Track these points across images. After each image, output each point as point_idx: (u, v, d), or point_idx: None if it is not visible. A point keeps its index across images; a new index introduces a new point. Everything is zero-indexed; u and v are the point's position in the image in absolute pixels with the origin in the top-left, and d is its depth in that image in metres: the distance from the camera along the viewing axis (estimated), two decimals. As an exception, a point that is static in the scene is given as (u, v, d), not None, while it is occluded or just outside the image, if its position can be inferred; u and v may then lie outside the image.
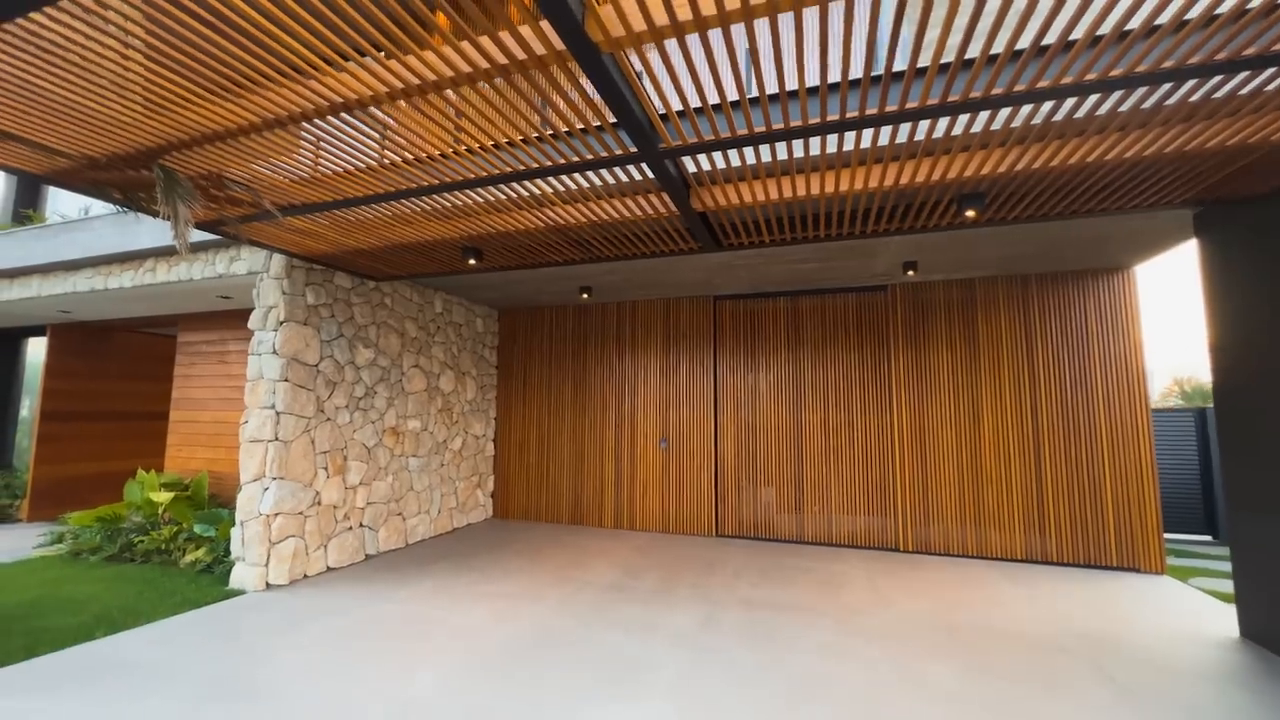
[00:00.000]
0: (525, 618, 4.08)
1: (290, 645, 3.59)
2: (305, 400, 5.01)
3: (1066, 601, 4.50)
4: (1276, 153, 2.89)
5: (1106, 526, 5.42)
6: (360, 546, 5.57)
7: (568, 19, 1.91)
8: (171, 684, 3.07)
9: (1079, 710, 2.88)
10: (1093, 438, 5.53)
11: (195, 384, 7.27)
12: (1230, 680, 3.23)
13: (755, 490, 6.66)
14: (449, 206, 3.73)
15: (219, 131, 2.76)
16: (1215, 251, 3.98)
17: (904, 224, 3.93)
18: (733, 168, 3.28)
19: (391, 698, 2.94)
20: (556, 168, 3.09)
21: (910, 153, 3.03)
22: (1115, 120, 2.63)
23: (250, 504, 4.74)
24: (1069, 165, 3.03)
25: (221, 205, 3.58)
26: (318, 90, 2.42)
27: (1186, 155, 2.90)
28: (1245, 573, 3.81)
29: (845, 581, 4.99)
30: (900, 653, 3.54)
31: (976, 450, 5.88)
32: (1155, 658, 3.50)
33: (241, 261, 5.16)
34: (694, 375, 7.05)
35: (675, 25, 1.98)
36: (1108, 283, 5.63)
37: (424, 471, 6.48)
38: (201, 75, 2.35)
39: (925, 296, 6.20)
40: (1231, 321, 3.86)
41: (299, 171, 3.21)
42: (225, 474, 6.71)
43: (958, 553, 5.84)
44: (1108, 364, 5.56)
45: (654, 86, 2.46)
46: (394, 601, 4.42)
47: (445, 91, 2.46)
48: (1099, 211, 3.66)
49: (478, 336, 7.68)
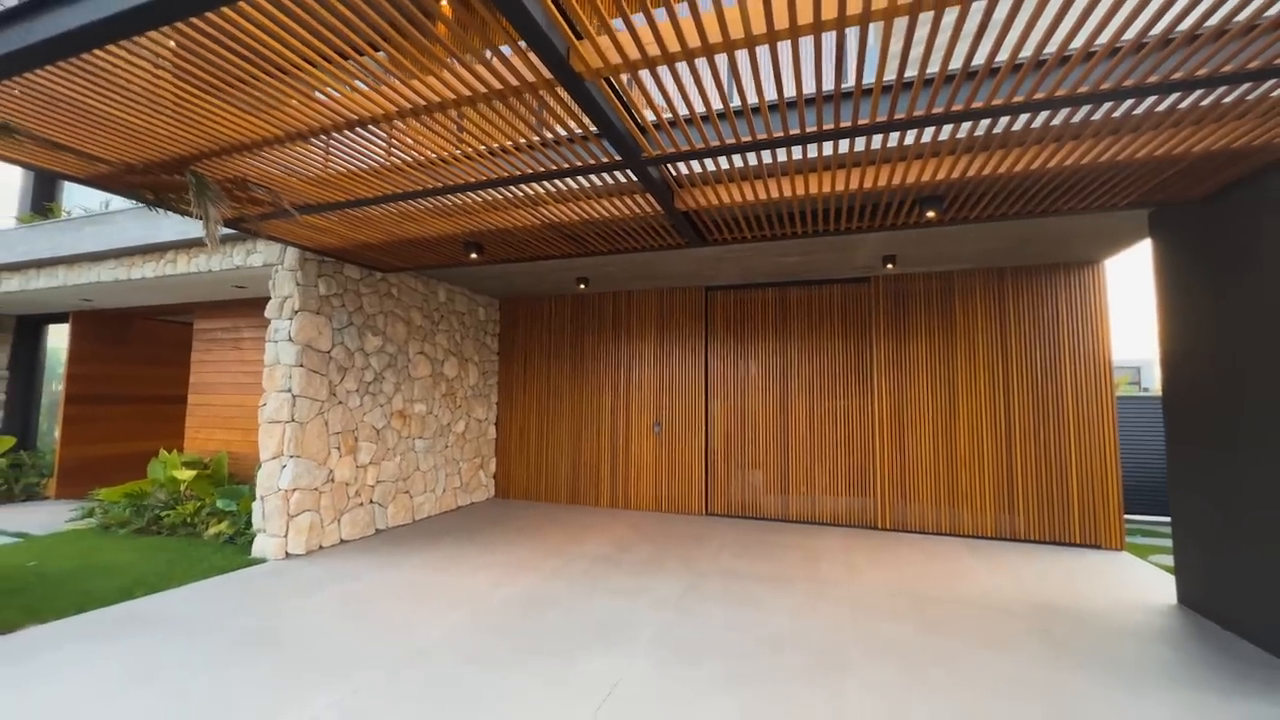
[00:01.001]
0: (523, 584, 4.46)
1: (310, 604, 3.99)
2: (319, 384, 5.37)
3: (1026, 574, 4.85)
4: (1207, 160, 3.16)
5: (1071, 506, 5.76)
6: (371, 521, 5.97)
7: (553, 54, 2.21)
8: (209, 633, 3.46)
9: (1014, 661, 3.24)
10: (1060, 422, 5.84)
11: (211, 369, 7.66)
12: (1158, 639, 3.58)
13: (744, 472, 7.01)
14: (451, 205, 4.04)
15: (244, 143, 3.07)
16: (1165, 250, 4.26)
17: (873, 222, 4.23)
18: (711, 172, 3.58)
19: (402, 646, 3.32)
20: (549, 173, 3.40)
21: (873, 160, 3.32)
22: (1064, 131, 2.91)
23: (270, 480, 5.12)
24: (1017, 172, 3.31)
25: (243, 205, 3.90)
26: (332, 109, 2.73)
27: (1120, 164, 3.18)
28: (1183, 547, 4.14)
29: (822, 556, 5.36)
30: (863, 615, 3.90)
31: (952, 434, 6.20)
32: (1095, 621, 3.85)
33: (258, 254, 5.49)
34: (687, 362, 7.37)
35: (646, 59, 2.28)
36: (1077, 276, 5.91)
37: (429, 452, 6.85)
38: (229, 95, 2.66)
39: (905, 288, 6.49)
40: (1178, 316, 4.15)
41: (314, 175, 3.52)
42: (241, 454, 7.12)
43: (932, 531, 6.19)
44: (1076, 353, 5.86)
45: (635, 104, 2.76)
46: (402, 569, 4.81)
47: (448, 110, 2.76)
48: (1052, 212, 3.94)
49: (480, 324, 8.01)
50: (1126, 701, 2.82)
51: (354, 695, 2.78)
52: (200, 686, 2.86)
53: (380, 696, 2.78)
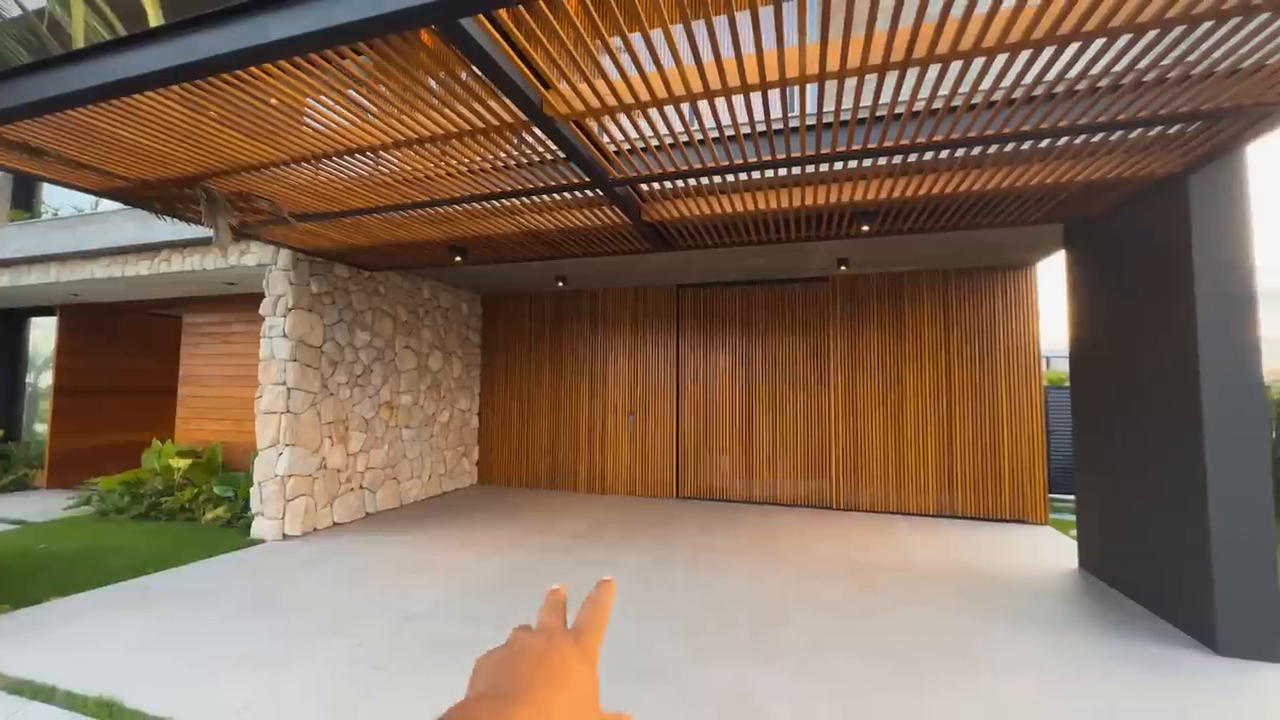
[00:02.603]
0: (506, 558, 4.93)
1: (310, 577, 4.41)
2: (312, 377, 5.73)
3: (956, 545, 5.45)
4: (1087, 188, 3.70)
5: (1003, 485, 6.39)
6: (361, 505, 6.37)
7: (527, 102, 2.64)
8: (220, 602, 3.87)
9: (929, 613, 3.80)
10: (995, 410, 6.46)
11: (201, 362, 7.93)
12: (1053, 595, 4.18)
13: (712, 458, 7.54)
14: (436, 215, 4.43)
15: (250, 164, 3.44)
16: (1074, 258, 4.84)
17: (818, 233, 4.72)
18: (672, 189, 4.03)
19: (398, 609, 3.77)
20: (525, 190, 3.81)
21: (811, 181, 3.80)
22: (969, 162, 3.41)
23: (267, 467, 5.49)
24: (935, 194, 3.82)
25: (246, 214, 4.24)
26: (331, 140, 3.12)
27: (1020, 189, 3.70)
28: (1083, 518, 4.76)
29: (779, 532, 5.91)
30: (808, 580, 4.44)
31: (899, 421, 6.79)
32: (1006, 581, 4.44)
33: (251, 255, 5.81)
34: (659, 355, 7.85)
35: (607, 108, 2.72)
36: (1012, 278, 6.50)
37: (416, 441, 7.25)
38: (240, 126, 3.02)
39: (859, 287, 7.03)
40: (1082, 317, 4.73)
41: (310, 189, 3.88)
42: (232, 443, 7.44)
43: (881, 510, 6.79)
44: (1010, 347, 6.47)
45: (598, 139, 3.19)
46: (393, 546, 5.24)
47: (436, 143, 3.16)
48: (972, 226, 4.48)
49: (463, 319, 8.39)
50: (1011, 641, 3.40)
51: (360, 646, 3.23)
52: (224, 641, 3.29)
53: (384, 647, 3.24)
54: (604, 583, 0.49)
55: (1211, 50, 2.31)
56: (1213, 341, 3.32)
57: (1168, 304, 3.60)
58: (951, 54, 2.28)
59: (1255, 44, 2.30)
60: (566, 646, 0.43)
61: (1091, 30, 2.13)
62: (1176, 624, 3.56)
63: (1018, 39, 2.19)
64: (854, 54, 2.35)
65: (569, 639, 0.44)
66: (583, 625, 0.45)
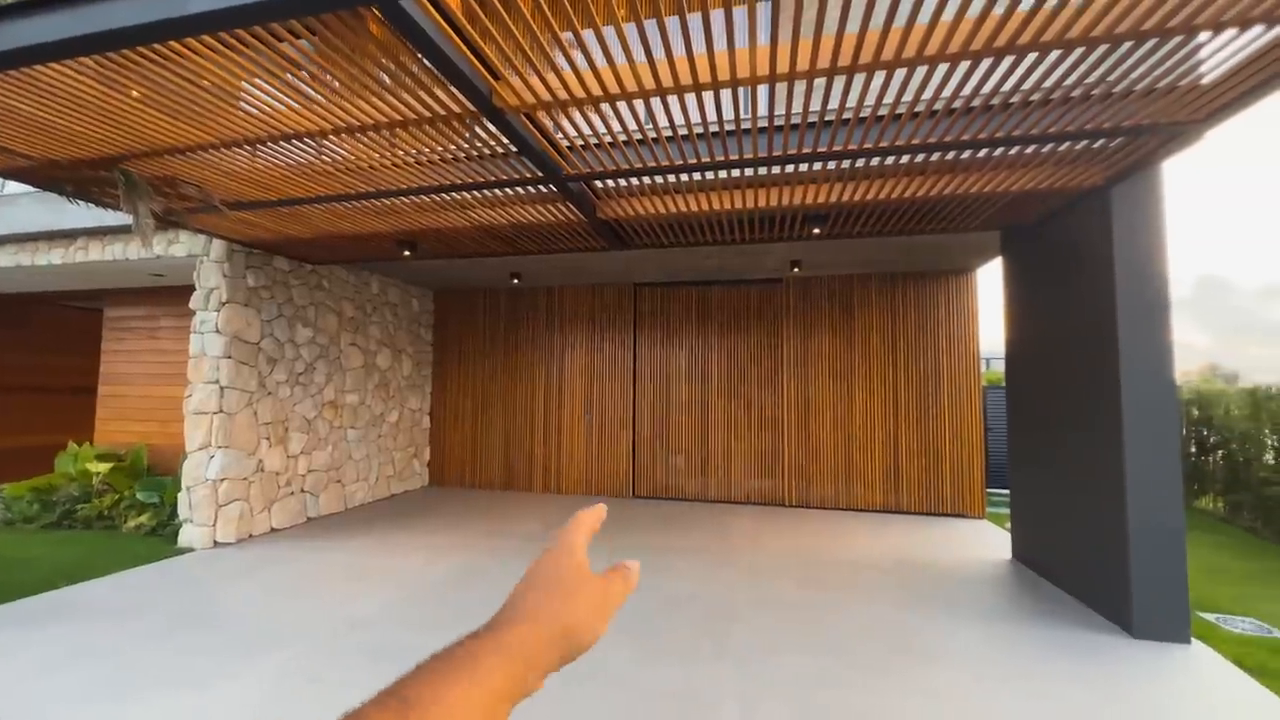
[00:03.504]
0: (456, 562, 4.79)
1: (245, 586, 4.16)
2: (248, 375, 5.42)
3: (900, 540, 5.65)
4: (1023, 196, 3.89)
5: (945, 482, 6.66)
6: (302, 510, 6.07)
7: (476, 93, 2.56)
8: (141, 616, 3.61)
9: (873, 606, 3.91)
10: (938, 409, 6.73)
11: (125, 359, 7.40)
12: (988, 586, 4.37)
13: (667, 457, 7.56)
14: (383, 207, 4.26)
15: (175, 146, 3.21)
16: (1010, 263, 5.08)
17: (771, 234, 4.80)
18: (626, 186, 4.01)
19: (340, 618, 3.61)
20: (477, 184, 3.71)
21: (763, 183, 3.85)
22: (913, 169, 3.52)
23: (197, 470, 5.16)
24: (882, 199, 3.93)
25: (171, 200, 3.96)
26: (268, 124, 2.94)
27: (960, 196, 3.86)
28: (1016, 511, 5.02)
29: (732, 530, 5.98)
30: (758, 577, 4.50)
31: (849, 420, 6.98)
32: (945, 574, 4.62)
33: (180, 245, 5.45)
34: (615, 354, 7.82)
35: (559, 102, 2.67)
36: (954, 282, 6.79)
37: (362, 442, 6.97)
38: (164, 108, 2.82)
39: (812, 289, 7.19)
40: (1017, 320, 4.98)
41: (245, 175, 3.66)
42: (159, 446, 6.98)
43: (831, 506, 6.97)
44: (952, 348, 6.75)
45: (550, 133, 3.13)
46: (336, 552, 5.02)
47: (380, 131, 3.03)
48: (916, 231, 4.64)
49: (414, 316, 8.12)
50: (950, 632, 3.53)
51: (296, 659, 3.07)
52: (143, 658, 3.06)
53: (323, 658, 3.08)
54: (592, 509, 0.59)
55: (1130, 70, 2.46)
56: (1131, 345, 3.54)
57: (1093, 309, 3.82)
58: (896, 61, 2.34)
59: (1168, 66, 2.46)
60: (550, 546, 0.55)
61: (1025, 44, 2.22)
62: (1098, 610, 3.79)
63: (957, 50, 2.27)
64: (803, 57, 2.39)
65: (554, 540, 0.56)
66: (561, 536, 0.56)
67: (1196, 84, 2.62)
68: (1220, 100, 2.65)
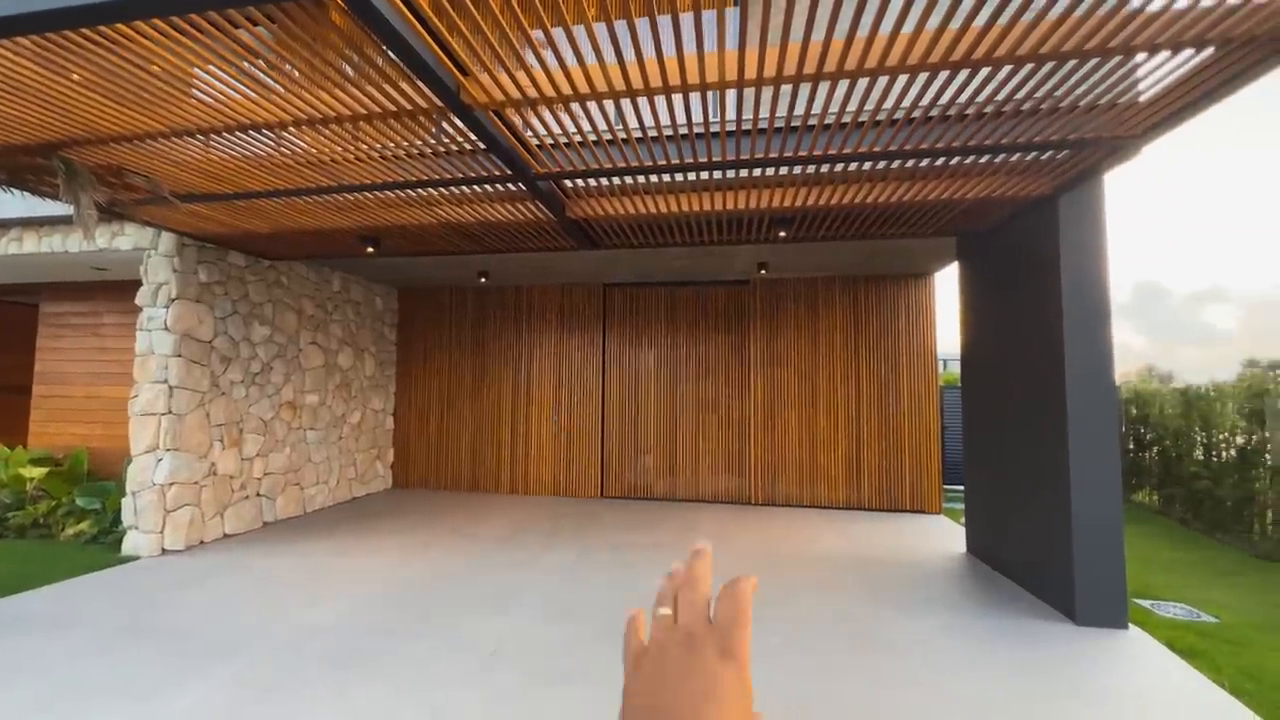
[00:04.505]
0: (420, 564, 4.70)
1: (195, 594, 3.99)
2: (199, 375, 5.20)
3: (861, 536, 5.80)
4: (977, 204, 4.06)
5: (904, 479, 6.88)
6: (258, 514, 5.85)
7: (443, 88, 2.52)
8: (80, 629, 3.42)
9: (836, 600, 4.01)
10: (897, 409, 6.94)
11: (63, 357, 7.01)
12: (944, 578, 4.54)
13: (636, 457, 7.58)
14: (345, 202, 4.15)
15: (122, 134, 3.06)
16: (965, 268, 5.29)
17: (738, 237, 4.87)
18: (595, 186, 4.00)
19: (300, 624, 3.50)
20: (443, 180, 3.65)
21: (731, 186, 3.91)
22: (874, 175, 3.63)
23: (143, 475, 4.92)
24: (844, 204, 4.03)
25: (116, 190, 3.77)
26: (223, 114, 2.84)
27: (918, 203, 3.99)
28: (971, 507, 5.22)
29: (700, 528, 6.04)
30: (724, 573, 4.51)
31: (813, 419, 7.14)
32: (900, 565, 4.78)
33: (126, 237, 5.19)
34: (585, 354, 7.80)
35: (528, 100, 2.65)
36: (914, 285, 7.02)
37: (322, 444, 6.76)
38: (110, 93, 2.68)
39: (779, 290, 7.32)
40: (971, 323, 5.18)
41: (198, 166, 3.51)
42: (101, 449, 6.64)
43: (796, 504, 7.11)
44: (910, 349, 6.97)
45: (520, 131, 3.11)
46: (295, 556, 4.86)
47: (343, 124, 2.95)
48: (877, 235, 4.79)
49: (377, 314, 7.92)
50: (908, 623, 3.65)
51: (251, 669, 2.96)
52: (81, 672, 2.90)
53: (281, 665, 2.98)
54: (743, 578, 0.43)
55: (1075, 87, 2.60)
56: (1075, 348, 3.73)
57: (1041, 312, 4.01)
58: (858, 71, 2.41)
59: (1109, 84, 2.61)
60: (711, 658, 0.39)
61: (979, 59, 2.33)
62: (1045, 599, 3.98)
63: (916, 62, 2.35)
64: (770, 64, 2.44)
65: (713, 644, 0.40)
66: (725, 622, 0.41)
67: (1135, 101, 2.78)
68: (1155, 117, 2.82)
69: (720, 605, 0.42)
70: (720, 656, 0.39)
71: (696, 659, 0.39)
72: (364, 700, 2.68)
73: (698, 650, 0.40)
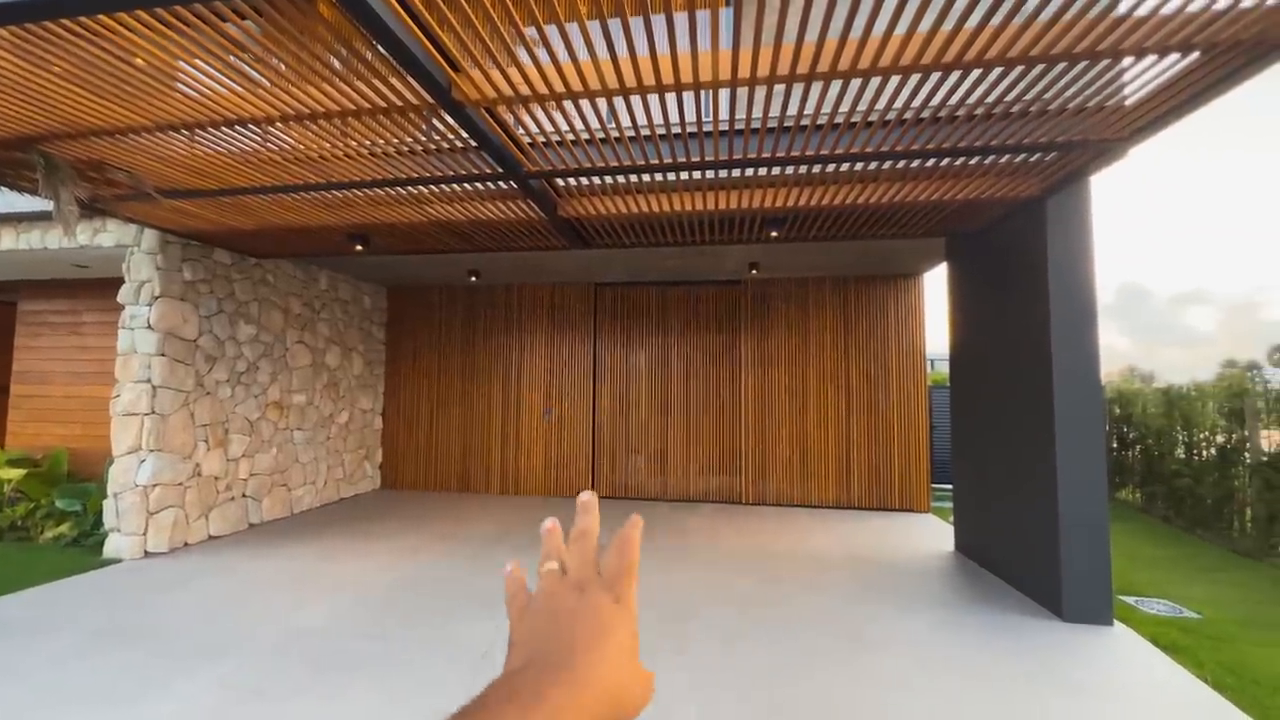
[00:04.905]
0: (409, 567, 4.66)
1: (180, 598, 3.92)
2: (183, 374, 5.11)
3: (851, 534, 5.84)
4: (966, 205, 4.09)
5: (893, 478, 6.93)
6: (244, 516, 5.77)
7: (434, 84, 2.49)
8: (60, 633, 3.35)
9: (827, 599, 4.02)
10: (887, 408, 6.99)
11: (42, 356, 6.87)
12: (933, 576, 4.58)
13: (628, 456, 7.57)
14: (334, 199, 4.10)
15: (104, 128, 2.99)
16: (954, 268, 5.33)
17: (730, 236, 4.88)
18: (587, 185, 3.99)
19: (286, 628, 3.45)
20: (434, 178, 3.62)
21: (724, 186, 3.91)
22: (865, 176, 3.64)
23: (125, 476, 4.82)
24: (836, 204, 4.05)
25: (98, 186, 3.70)
26: (209, 108, 2.79)
27: (909, 204, 4.02)
28: (959, 505, 5.27)
29: (690, 527, 6.04)
30: (716, 573, 4.56)
31: (804, 419, 7.17)
32: (892, 566, 4.81)
33: (108, 234, 5.08)
34: (576, 354, 7.78)
35: (520, 97, 2.63)
36: (903, 285, 7.07)
37: (310, 444, 6.68)
38: (91, 86, 2.62)
39: (770, 290, 7.35)
40: (960, 323, 5.23)
41: (183, 162, 3.45)
42: (82, 450, 6.51)
43: (786, 503, 7.14)
44: (900, 349, 7.02)
45: (512, 129, 3.09)
46: (281, 559, 4.79)
47: (332, 119, 2.91)
48: (868, 236, 4.81)
49: (365, 313, 7.84)
50: (898, 620, 3.68)
51: (237, 672, 2.91)
52: (61, 677, 2.84)
53: (267, 669, 2.94)
54: (632, 521, 0.45)
55: (1064, 90, 2.63)
56: (1063, 348, 3.78)
57: (1028, 313, 4.05)
58: (851, 71, 2.42)
59: (1097, 87, 2.64)
60: (602, 602, 0.40)
61: (971, 61, 2.34)
62: (1032, 596, 4.02)
63: (909, 63, 2.37)
64: (764, 63, 2.44)
65: (602, 590, 0.41)
66: (613, 571, 0.42)
67: (1121, 105, 2.82)
68: (1141, 120, 2.86)
69: (609, 556, 0.43)
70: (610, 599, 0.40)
71: (588, 600, 0.40)
72: (353, 704, 2.65)
73: (589, 594, 0.40)
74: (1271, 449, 5.91)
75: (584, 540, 0.44)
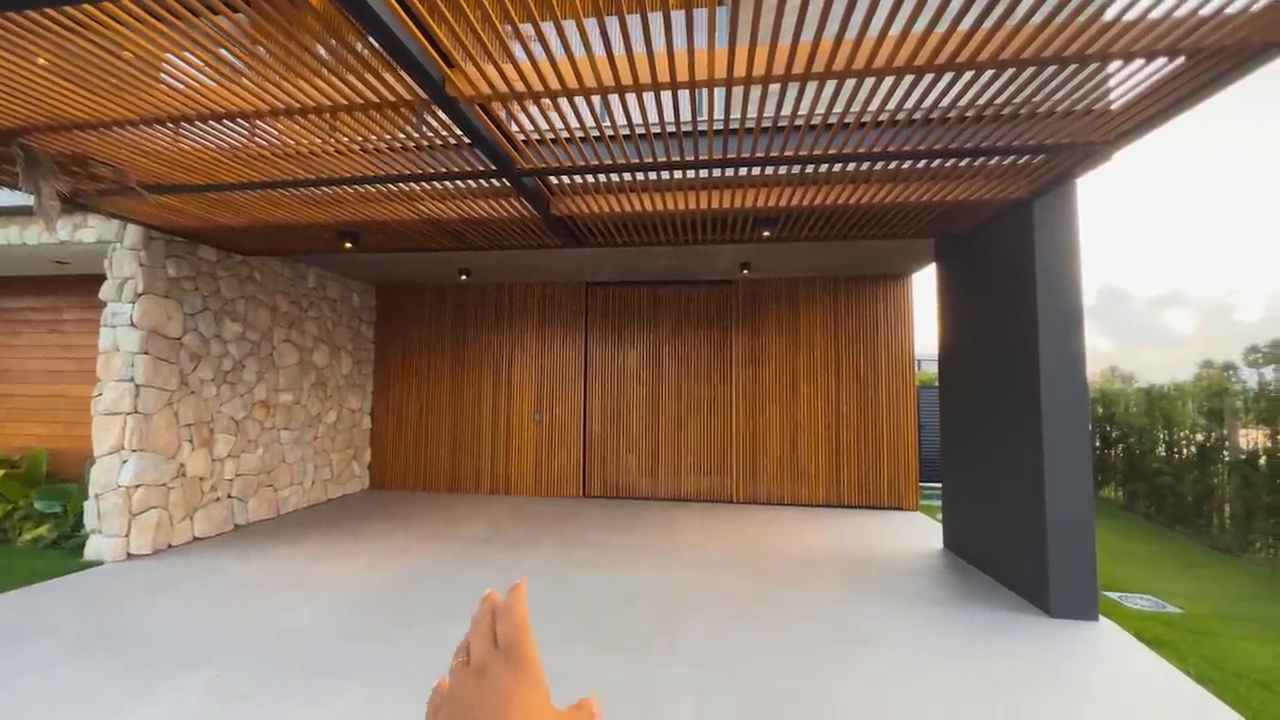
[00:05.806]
0: (399, 566, 4.62)
1: (163, 601, 3.85)
2: (167, 373, 5.02)
3: (841, 532, 5.88)
4: (956, 206, 4.14)
5: (882, 476, 6.99)
6: (229, 517, 5.68)
7: (427, 79, 2.47)
8: (39, 638, 3.27)
9: (818, 596, 4.04)
10: (876, 407, 7.05)
11: (20, 354, 6.71)
12: (922, 574, 4.62)
13: (618, 456, 7.57)
14: (323, 195, 4.05)
15: (88, 121, 2.93)
16: (943, 269, 5.39)
17: (722, 235, 4.89)
18: (581, 183, 3.98)
19: (273, 630, 3.40)
20: (426, 175, 3.59)
21: (717, 185, 3.92)
22: (857, 176, 3.67)
23: (107, 476, 4.73)
24: (829, 204, 4.07)
25: (80, 180, 3.62)
26: (195, 101, 2.74)
27: (900, 205, 4.06)
28: (947, 504, 5.32)
29: (681, 527, 6.05)
30: (706, 571, 4.57)
31: (794, 418, 7.21)
32: (882, 564, 4.85)
33: (89, 230, 4.98)
34: (567, 353, 7.75)
35: (515, 94, 2.62)
36: (892, 286, 7.13)
37: (297, 444, 6.60)
38: (75, 78, 2.57)
39: (761, 290, 7.38)
40: (949, 323, 5.28)
41: (168, 156, 3.39)
42: (62, 450, 6.37)
43: (777, 502, 7.17)
44: (889, 349, 7.09)
45: (505, 125, 3.07)
46: (269, 560, 4.73)
47: (322, 114, 2.88)
48: (859, 236, 4.85)
49: (354, 312, 7.76)
50: (889, 617, 3.71)
51: (224, 676, 2.86)
52: (41, 684, 2.77)
53: (254, 672, 2.90)
54: (513, 588, 0.46)
55: (1053, 93, 2.67)
56: (1050, 349, 3.83)
57: (1016, 314, 4.11)
58: (845, 72, 2.44)
59: (1084, 91, 2.68)
60: (499, 675, 0.41)
61: (962, 63, 2.37)
62: (1019, 593, 4.07)
63: (902, 64, 2.39)
64: (759, 62, 2.45)
65: (500, 662, 0.42)
66: (508, 639, 0.43)
67: (1107, 108, 2.87)
68: (1128, 123, 2.90)
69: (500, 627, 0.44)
70: (509, 671, 0.41)
71: (486, 682, 0.41)
72: (342, 706, 2.62)
73: (487, 675, 0.41)
74: (1249, 447, 6.03)
75: (481, 623, 0.45)
